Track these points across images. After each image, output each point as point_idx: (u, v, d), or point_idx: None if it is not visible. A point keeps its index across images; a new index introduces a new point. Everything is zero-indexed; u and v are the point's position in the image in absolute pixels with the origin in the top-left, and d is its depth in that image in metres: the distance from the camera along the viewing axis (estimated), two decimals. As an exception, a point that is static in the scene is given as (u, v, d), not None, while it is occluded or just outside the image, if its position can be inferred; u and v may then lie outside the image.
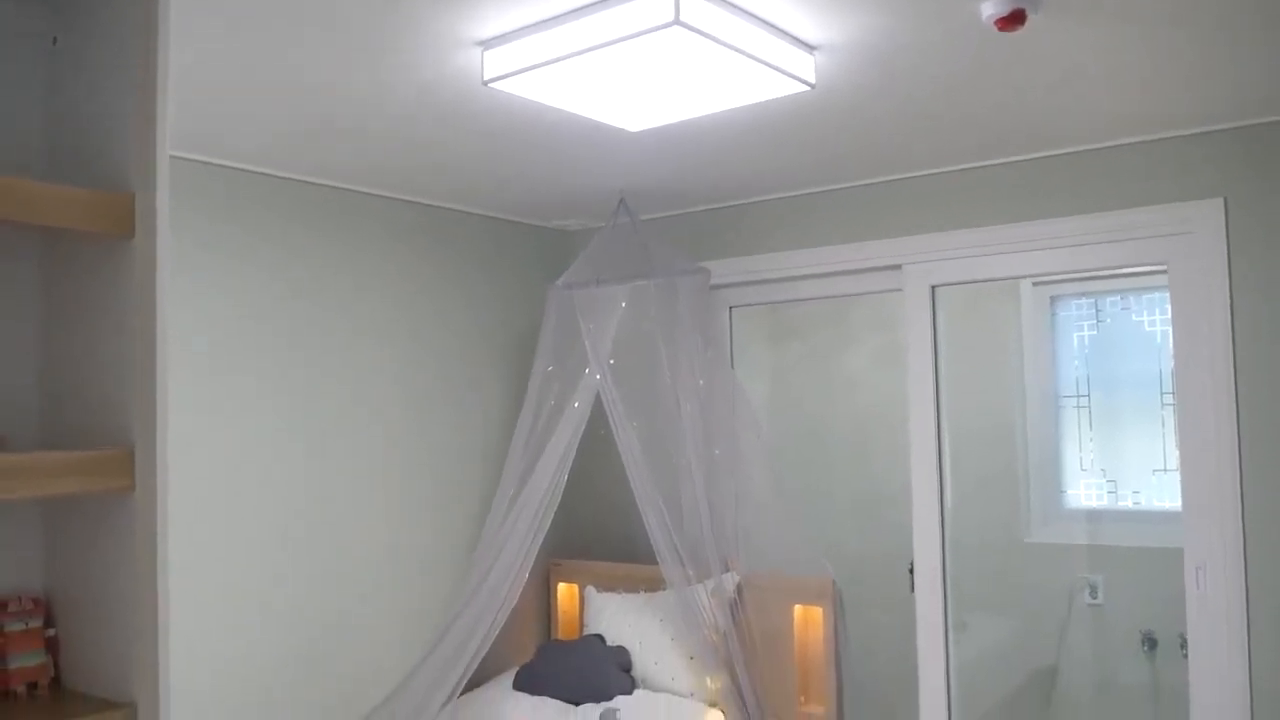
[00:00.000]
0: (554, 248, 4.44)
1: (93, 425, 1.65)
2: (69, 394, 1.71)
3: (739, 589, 3.68)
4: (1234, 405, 3.17)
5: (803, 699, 3.66)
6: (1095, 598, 4.72)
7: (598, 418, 3.69)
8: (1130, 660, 4.65)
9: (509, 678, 3.88)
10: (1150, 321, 4.85)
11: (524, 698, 3.74)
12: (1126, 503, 4.86)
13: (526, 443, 3.79)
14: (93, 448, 1.61)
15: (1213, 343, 3.20)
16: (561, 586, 4.26)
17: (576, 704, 3.65)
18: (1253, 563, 3.16)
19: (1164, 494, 4.67)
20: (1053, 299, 5.03)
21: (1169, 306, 3.36)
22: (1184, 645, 3.35)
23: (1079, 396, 4.96)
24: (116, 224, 1.57)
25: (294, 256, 3.44)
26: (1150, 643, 4.58)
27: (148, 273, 1.58)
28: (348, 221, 3.62)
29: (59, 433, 1.71)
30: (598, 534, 4.34)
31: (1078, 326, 5.04)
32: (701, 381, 3.73)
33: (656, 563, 3.58)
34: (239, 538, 3.24)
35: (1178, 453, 3.36)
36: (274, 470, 3.35)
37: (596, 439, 3.82)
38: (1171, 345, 3.35)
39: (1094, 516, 4.90)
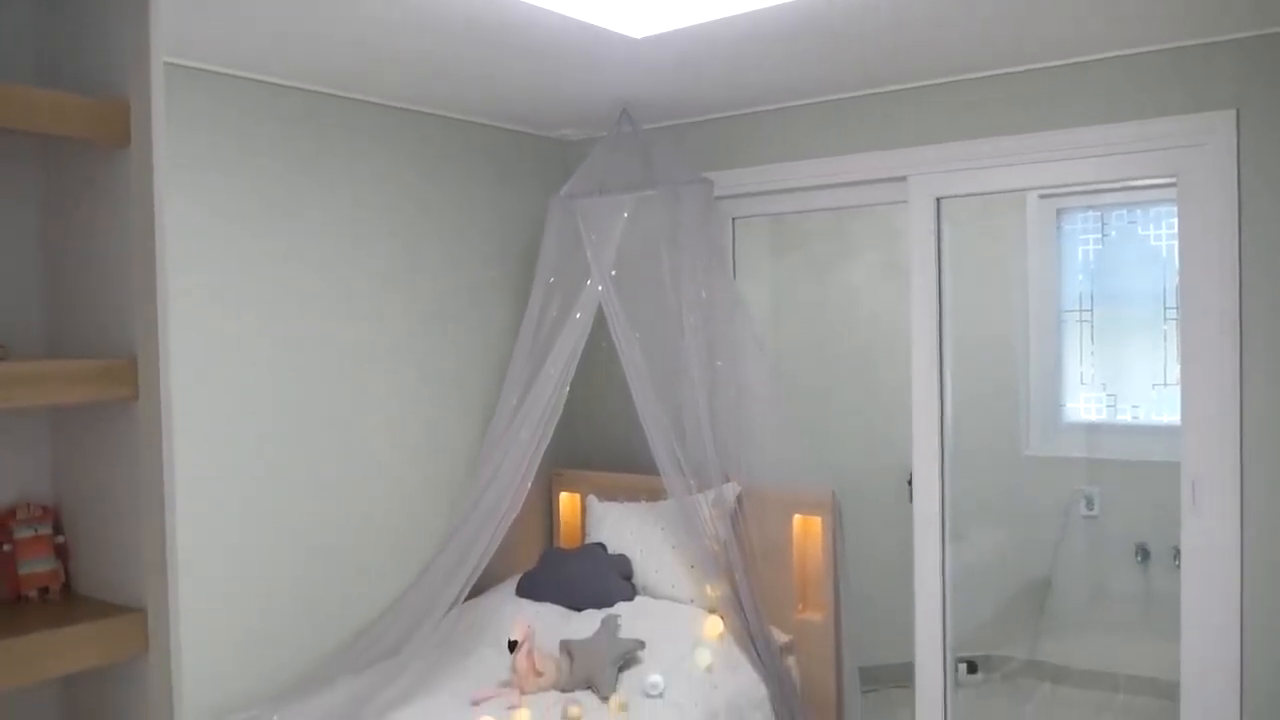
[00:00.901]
0: (556, 158, 4.39)
1: (96, 335, 1.66)
2: (71, 304, 1.71)
3: (739, 499, 3.73)
4: (1237, 320, 3.16)
5: (801, 607, 3.73)
6: (1091, 510, 4.79)
7: (600, 329, 3.69)
8: (1123, 571, 4.73)
9: (512, 584, 3.95)
10: (1156, 236, 4.83)
11: (527, 604, 3.81)
12: (1125, 417, 4.90)
13: (529, 354, 3.80)
14: (96, 357, 1.61)
15: (1219, 257, 3.18)
16: (564, 496, 4.31)
17: (578, 610, 3.72)
18: (1248, 477, 3.18)
19: (1163, 409, 4.70)
20: (1059, 212, 4.99)
21: (1175, 220, 3.34)
22: (1177, 557, 3.40)
23: (1081, 311, 4.96)
24: (112, 131, 1.55)
25: (291, 167, 3.40)
26: (1144, 554, 4.65)
27: (144, 181, 1.57)
28: (347, 131, 3.58)
29: (62, 343, 1.72)
30: (600, 444, 4.38)
31: (1083, 240, 5.01)
32: (704, 293, 3.72)
33: (658, 473, 3.61)
34: (245, 447, 3.27)
35: (1178, 367, 3.36)
36: (277, 382, 3.36)
37: (599, 350, 3.82)
38: (1177, 259, 3.33)
39: (1092, 430, 4.93)
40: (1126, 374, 4.89)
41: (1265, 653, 3.19)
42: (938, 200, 3.70)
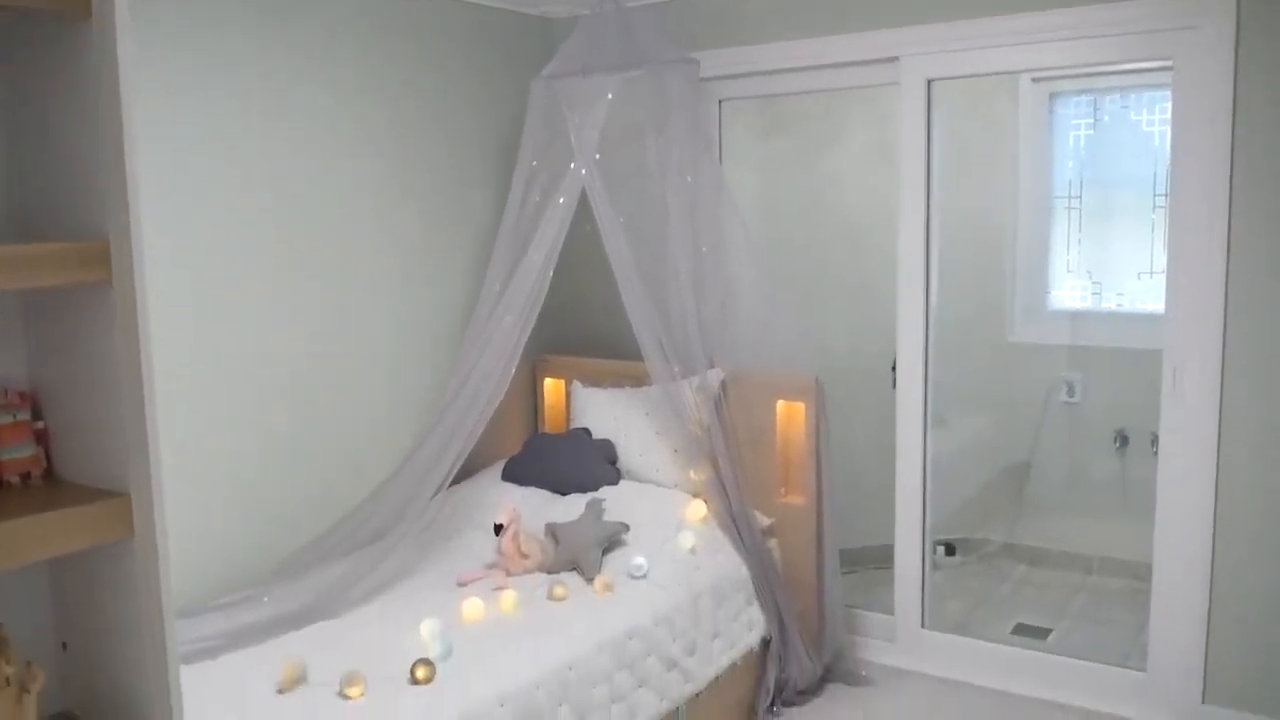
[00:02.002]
0: (537, 37, 4.27)
1: (68, 219, 1.61)
2: (41, 188, 1.66)
3: (723, 385, 3.74)
4: (1227, 208, 3.14)
5: (784, 491, 3.78)
6: (1072, 396, 4.83)
7: (584, 213, 3.63)
8: (1102, 456, 4.80)
9: (497, 469, 3.98)
10: (1149, 121, 4.76)
11: (512, 488, 3.84)
12: (1110, 305, 4.91)
13: (511, 239, 3.75)
14: (68, 240, 1.58)
15: (1212, 143, 3.15)
16: (548, 381, 4.32)
17: (563, 494, 3.76)
18: (1229, 366, 3.21)
19: (1147, 297, 4.70)
20: (1051, 96, 4.91)
21: (1169, 106, 3.28)
22: (1155, 443, 3.44)
23: (1071, 198, 4.92)
24: (71, 1, 1.48)
25: (265, 49, 3.29)
26: (1122, 440, 4.71)
27: (108, 55, 1.50)
28: (323, 12, 3.45)
29: (33, 227, 1.68)
30: (584, 330, 4.36)
31: (1075, 126, 4.94)
32: (689, 177, 3.66)
33: (642, 359, 3.61)
34: (227, 334, 3.24)
35: (1165, 255, 3.35)
36: (257, 268, 3.31)
37: (583, 235, 3.78)
38: (1169, 146, 3.29)
39: (1077, 318, 4.95)
40: (1113, 262, 4.88)
41: (1236, 537, 3.26)
42: (929, 82, 3.63)
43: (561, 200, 3.59)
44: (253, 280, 3.31)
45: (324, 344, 3.54)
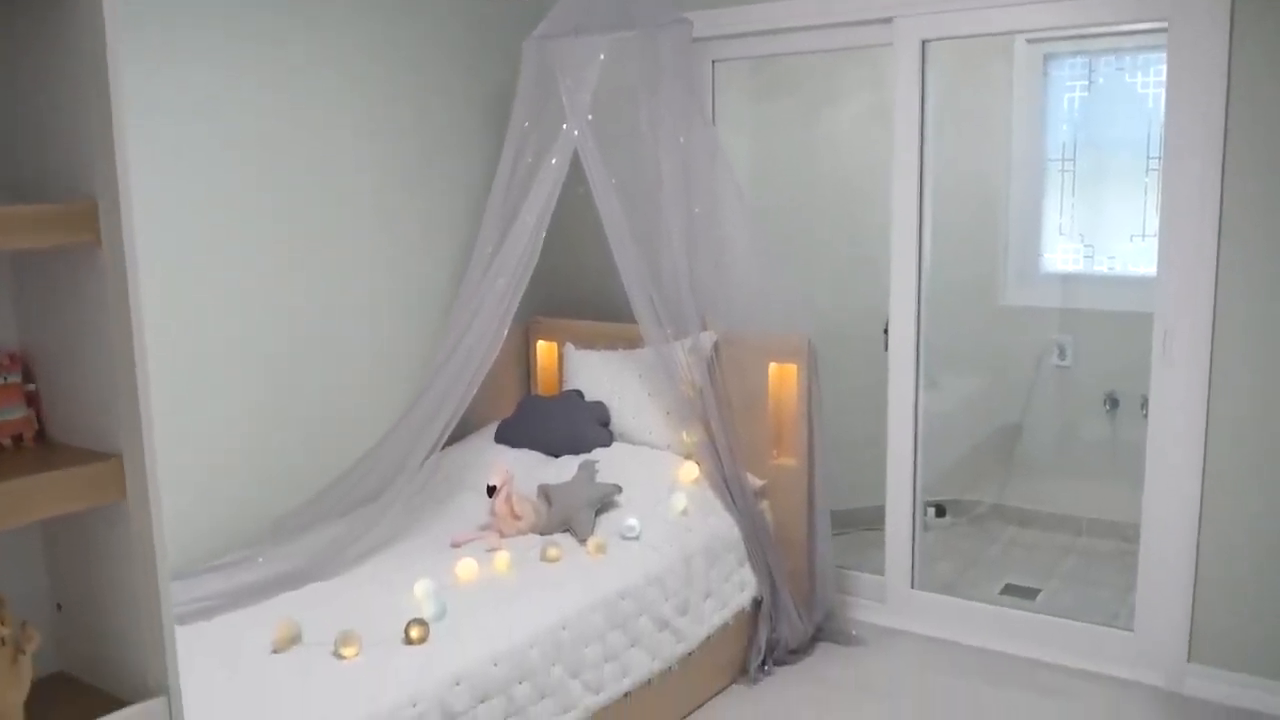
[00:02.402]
0: (531, -5, 4.23)
1: (56, 181, 1.61)
2: (29, 148, 1.65)
3: (716, 347, 3.74)
4: (1220, 170, 3.14)
5: (775, 452, 3.79)
6: (1064, 359, 4.84)
7: (576, 175, 3.61)
8: (1092, 419, 4.82)
9: (490, 431, 3.99)
10: (1144, 83, 4.74)
11: (505, 450, 3.85)
12: (1101, 268, 4.91)
13: (503, 201, 3.73)
14: (56, 201, 1.57)
15: (1206, 106, 3.14)
16: (541, 344, 4.31)
17: (556, 456, 3.77)
18: (1220, 328, 3.22)
19: (1139, 260, 4.70)
20: (1046, 58, 4.88)
21: (1165, 68, 3.27)
22: (1145, 406, 3.46)
23: (1064, 160, 4.91)
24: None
25: (258, 11, 3.25)
26: (1112, 403, 4.73)
27: (95, 18, 1.49)
28: (311, -37, 3.42)
29: (22, 190, 1.66)
30: (577, 292, 4.36)
31: (1069, 88, 4.92)
32: (682, 138, 3.64)
33: (635, 321, 3.61)
34: (219, 295, 3.23)
35: (1157, 218, 3.35)
36: (250, 230, 3.30)
37: (575, 197, 3.76)
38: (1163, 108, 3.28)
39: (1068, 280, 4.95)
40: (1105, 225, 4.87)
41: (1224, 499, 3.28)
42: (923, 43, 3.61)
43: (554, 162, 3.56)
44: (243, 244, 3.29)
45: (315, 306, 3.53)
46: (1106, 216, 4.86)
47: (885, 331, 3.87)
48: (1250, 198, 3.12)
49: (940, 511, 4.88)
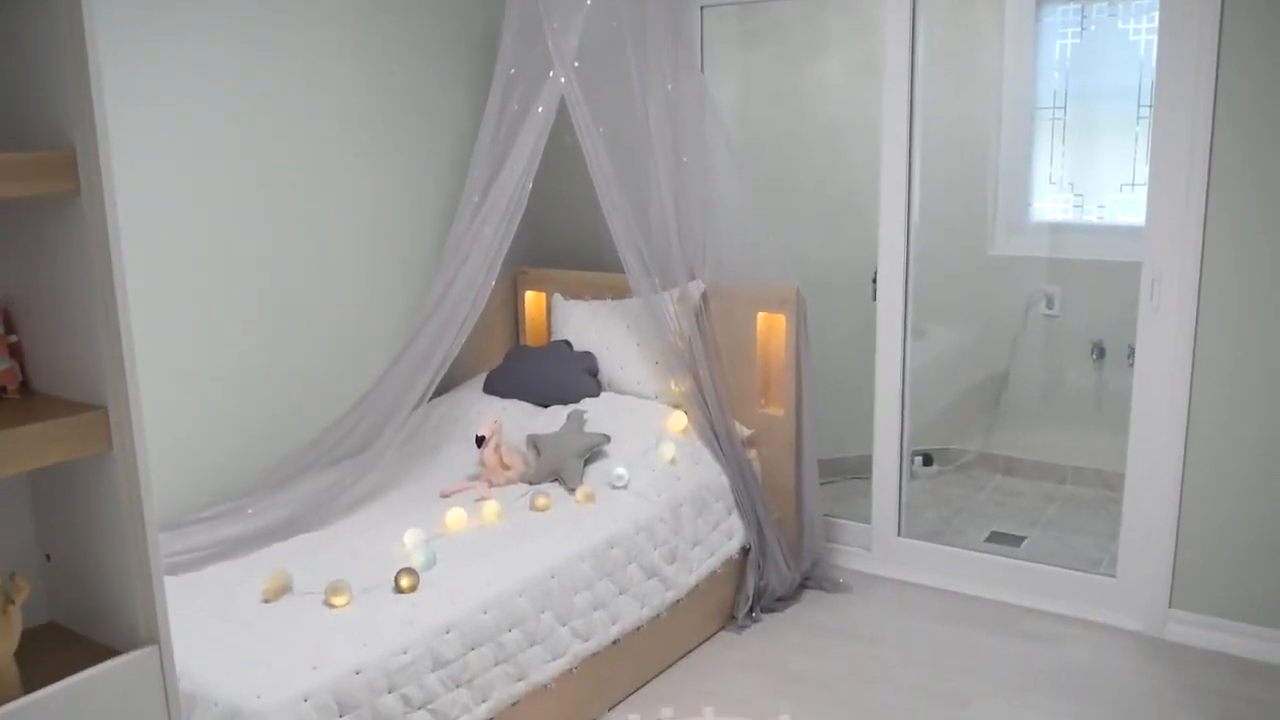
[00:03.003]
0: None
1: (34, 130, 1.58)
2: (6, 99, 1.62)
3: (704, 296, 3.73)
4: (1210, 118, 3.12)
5: (763, 402, 3.80)
6: (1051, 309, 4.85)
7: (563, 123, 3.58)
8: (1078, 368, 4.84)
9: (478, 382, 3.99)
10: (1136, 30, 4.70)
11: (494, 400, 3.86)
12: (1091, 217, 4.90)
13: (490, 150, 3.70)
14: (32, 150, 1.55)
15: (1198, 52, 3.11)
16: (529, 294, 4.30)
17: (545, 406, 3.78)
18: (1207, 277, 3.22)
19: (1128, 209, 4.69)
20: (1038, 3, 4.83)
21: (1157, 14, 3.24)
22: (1131, 355, 3.47)
23: (1055, 109, 4.88)
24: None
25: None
26: (1099, 352, 4.75)
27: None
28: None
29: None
30: (565, 242, 4.34)
31: (1061, 34, 4.87)
32: (670, 86, 3.61)
33: (623, 271, 3.60)
34: (203, 244, 3.20)
35: (1147, 167, 3.34)
36: (232, 178, 3.26)
37: (562, 146, 3.73)
38: (1155, 55, 3.25)
39: (1057, 230, 4.94)
40: (1095, 174, 4.86)
41: (1207, 448, 3.31)
42: (914, -11, 3.57)
43: (540, 110, 3.52)
44: (227, 194, 3.26)
45: (300, 256, 3.51)
46: (1097, 166, 4.84)
47: (874, 281, 3.86)
48: (1240, 146, 3.11)
49: (927, 460, 4.91)
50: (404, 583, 2.65)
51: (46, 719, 1.54)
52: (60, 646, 1.73)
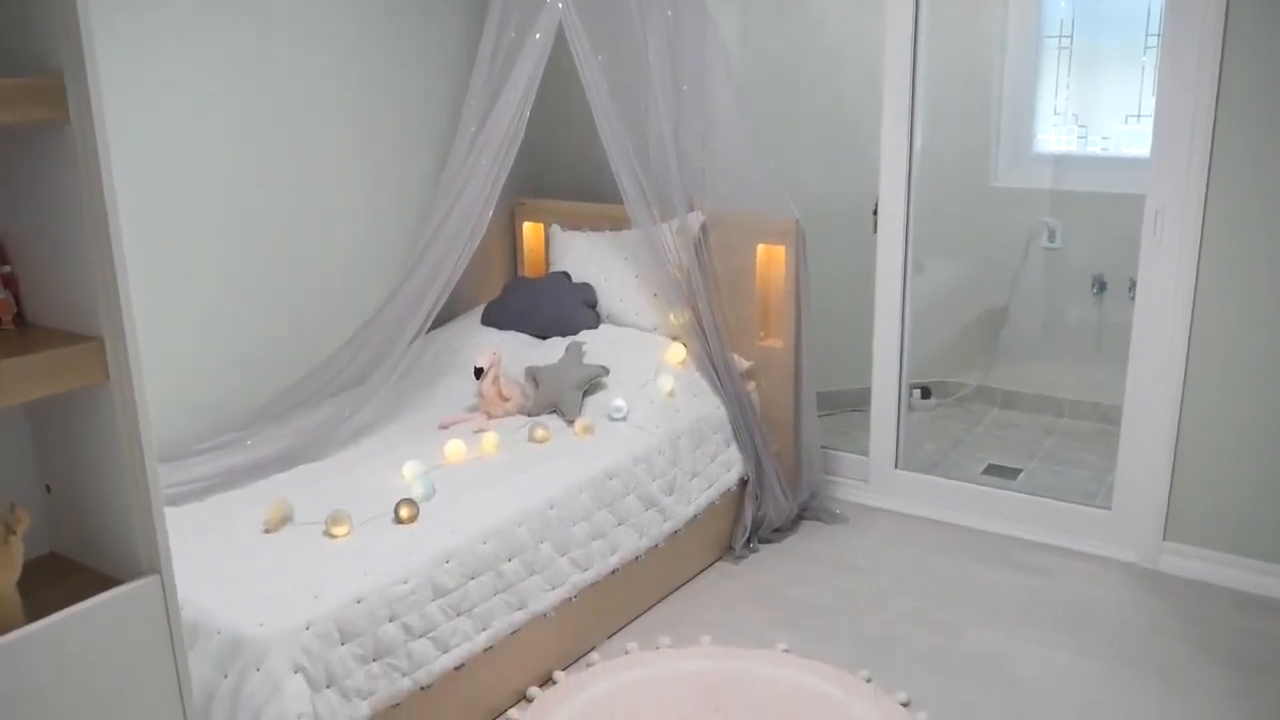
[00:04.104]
0: None
1: (20, 55, 1.55)
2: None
3: (703, 228, 3.70)
4: (1219, 49, 3.07)
5: (763, 334, 3.79)
6: (1053, 242, 4.82)
7: (561, 50, 3.51)
8: (1079, 302, 4.83)
9: (477, 313, 3.97)
10: (1146, -45, 4.61)
11: (492, 332, 3.85)
12: (1095, 149, 4.84)
13: (486, 78, 3.64)
14: (20, 76, 1.52)
15: (1209, -22, 3.05)
16: (527, 225, 4.27)
17: (543, 338, 3.77)
18: (1211, 210, 3.19)
19: (1133, 141, 4.64)
20: (1046, -72, 4.73)
21: (1168, -61, 3.17)
22: (1132, 289, 3.46)
23: (1061, 38, 4.80)
24: None
25: None
26: (1100, 285, 4.73)
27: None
28: None
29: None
30: (563, 173, 4.29)
31: (1069, -40, 4.78)
32: (670, 12, 3.53)
33: (622, 202, 3.56)
34: (199, 175, 3.16)
35: (1154, 98, 3.29)
36: (227, 108, 3.21)
37: (560, 74, 3.67)
38: (1165, -19, 3.19)
39: (1061, 162, 4.89)
40: (1100, 105, 4.80)
41: (1206, 380, 3.31)
42: (921, -88, 3.49)
43: (538, 36, 3.46)
44: (220, 126, 3.21)
45: (298, 187, 3.47)
46: (1102, 96, 4.78)
47: (874, 213, 3.83)
48: (1249, 77, 3.06)
49: (925, 393, 4.92)
50: (404, 513, 2.66)
51: (50, 647, 1.55)
52: (61, 576, 1.74)
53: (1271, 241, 3.13)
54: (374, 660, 2.39)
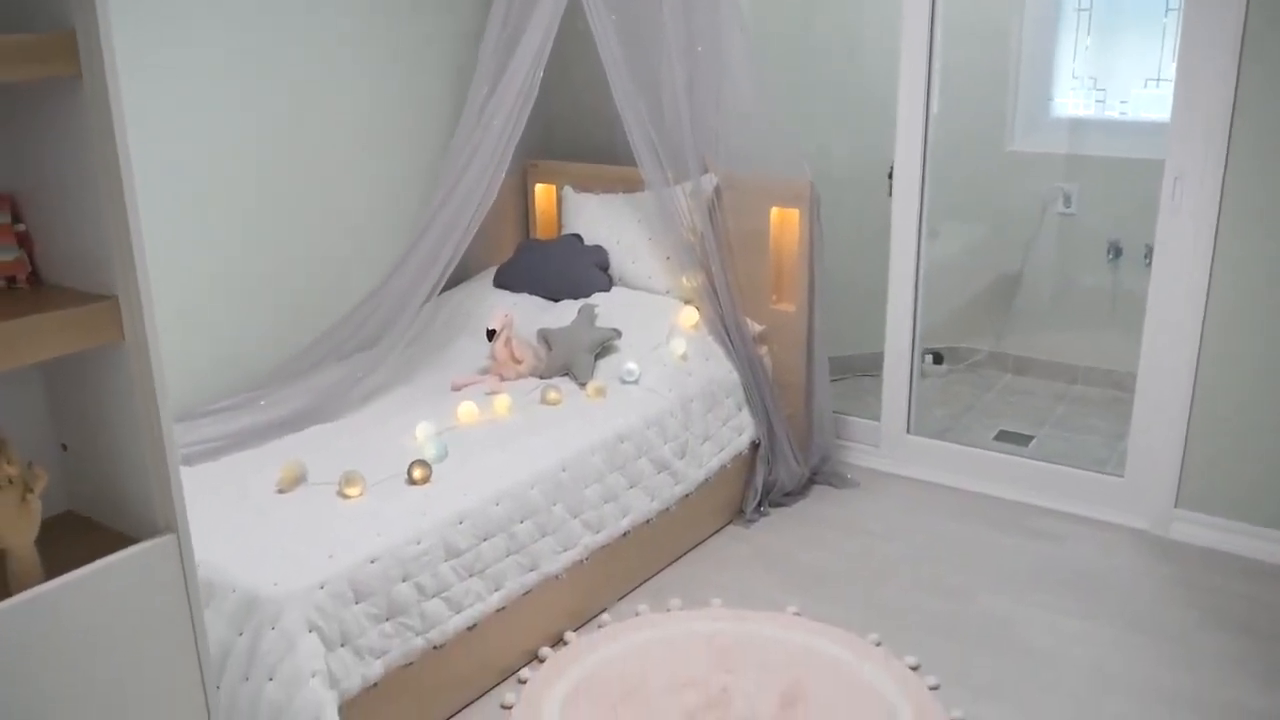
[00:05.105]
0: None
1: (32, 13, 1.53)
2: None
3: (717, 190, 3.68)
4: (1244, 13, 3.02)
5: (775, 298, 3.78)
6: (1069, 207, 4.78)
7: (575, 10, 3.48)
8: (1094, 268, 4.79)
9: (489, 276, 3.97)
10: (1168, -84, 4.53)
11: (504, 294, 3.84)
12: (1113, 113, 4.79)
13: (499, 38, 3.60)
14: (32, 31, 1.50)
15: (1234, -61, 3.00)
16: (539, 187, 4.24)
17: (555, 300, 3.76)
18: (1230, 176, 3.16)
19: (1152, 106, 4.59)
20: (1068, -113, 4.65)
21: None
22: (1148, 255, 3.43)
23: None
24: None
25: None
26: (1116, 251, 4.69)
27: None
28: None
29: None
30: (575, 135, 4.26)
31: (1090, -81, 4.70)
32: (686, -29, 3.49)
33: (635, 164, 3.54)
34: (214, 134, 3.14)
35: (1175, 63, 3.25)
36: (238, 66, 3.19)
37: (574, 34, 3.63)
38: (1190, -59, 3.13)
39: (1078, 126, 4.84)
40: (1119, 69, 4.73)
41: (1221, 350, 3.29)
42: None
43: (551, -4, 3.42)
44: (234, 86, 3.19)
45: (312, 147, 3.45)
46: (1121, 60, 4.71)
47: (890, 176, 3.80)
48: (1272, 43, 3.01)
49: (938, 359, 4.91)
50: (417, 474, 2.67)
51: (68, 604, 1.56)
52: (78, 535, 1.76)
53: (1292, 208, 3.10)
54: (387, 620, 2.40)
